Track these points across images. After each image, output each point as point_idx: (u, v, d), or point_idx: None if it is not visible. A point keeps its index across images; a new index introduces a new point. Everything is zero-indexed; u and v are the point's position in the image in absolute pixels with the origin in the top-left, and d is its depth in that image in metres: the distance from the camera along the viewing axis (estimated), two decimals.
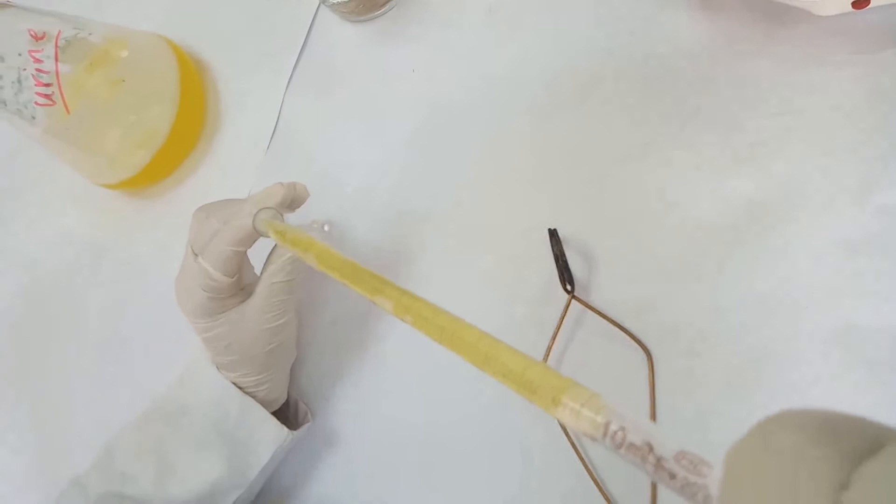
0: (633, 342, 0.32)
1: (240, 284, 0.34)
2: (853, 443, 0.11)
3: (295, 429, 0.37)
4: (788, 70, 0.32)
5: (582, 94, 0.37)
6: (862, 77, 0.31)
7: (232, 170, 0.46)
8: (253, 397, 0.36)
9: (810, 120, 0.31)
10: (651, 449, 0.14)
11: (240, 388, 0.35)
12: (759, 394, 0.30)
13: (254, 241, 0.32)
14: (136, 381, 0.47)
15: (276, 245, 0.33)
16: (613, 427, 0.15)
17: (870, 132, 0.30)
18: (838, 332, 0.29)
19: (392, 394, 0.38)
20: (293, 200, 0.34)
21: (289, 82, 0.45)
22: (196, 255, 0.32)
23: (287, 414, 0.39)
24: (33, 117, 0.41)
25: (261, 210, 0.31)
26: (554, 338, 0.33)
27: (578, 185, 0.36)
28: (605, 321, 0.33)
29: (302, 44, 0.45)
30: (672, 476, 0.13)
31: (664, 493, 0.31)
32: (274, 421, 0.36)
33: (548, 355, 0.33)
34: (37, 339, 0.53)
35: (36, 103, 0.40)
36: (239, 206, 0.32)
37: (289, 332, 0.36)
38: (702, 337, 0.31)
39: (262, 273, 0.33)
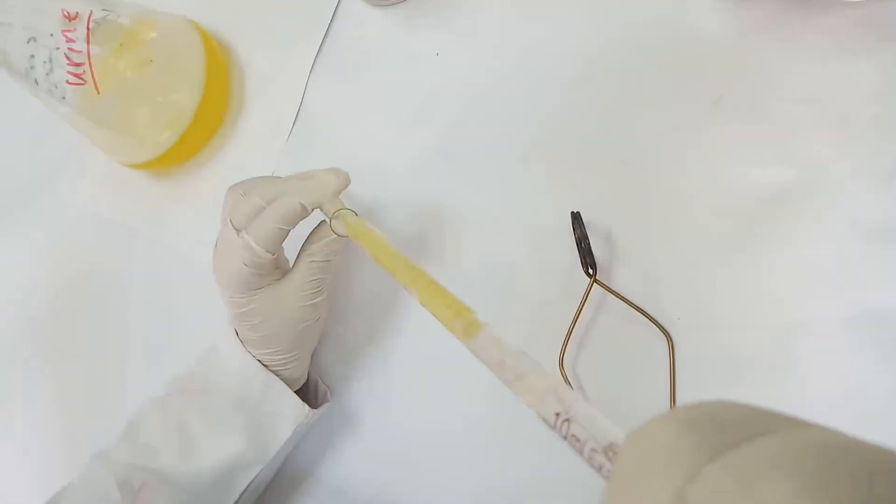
0: (652, 326, 0.32)
1: (277, 263, 0.35)
2: (726, 435, 0.11)
3: (315, 408, 0.37)
4: (813, 59, 0.32)
5: (606, 81, 0.36)
6: (885, 67, 0.30)
7: (255, 152, 0.47)
8: (276, 375, 0.36)
9: (833, 110, 0.31)
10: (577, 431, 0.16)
11: (264, 365, 0.36)
12: (763, 389, 0.30)
13: (298, 221, 0.33)
14: (158, 364, 0.47)
15: (318, 225, 0.35)
16: (557, 409, 0.18)
17: (892, 121, 0.30)
18: (851, 323, 0.29)
19: (413, 379, 0.39)
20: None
21: (313, 66, 0.46)
22: (237, 230, 0.33)
23: (307, 393, 0.40)
24: (63, 97, 0.41)
25: (338, 210, 0.32)
26: (575, 320, 0.33)
27: (601, 171, 0.36)
28: (625, 305, 0.33)
29: (326, 28, 0.46)
30: (600, 467, 0.16)
31: None
32: (295, 398, 0.36)
33: (568, 338, 0.33)
34: (62, 327, 0.53)
35: (67, 82, 0.41)
36: (284, 185, 0.34)
37: (321, 312, 0.36)
38: (711, 327, 0.31)
39: (301, 251, 0.34)
